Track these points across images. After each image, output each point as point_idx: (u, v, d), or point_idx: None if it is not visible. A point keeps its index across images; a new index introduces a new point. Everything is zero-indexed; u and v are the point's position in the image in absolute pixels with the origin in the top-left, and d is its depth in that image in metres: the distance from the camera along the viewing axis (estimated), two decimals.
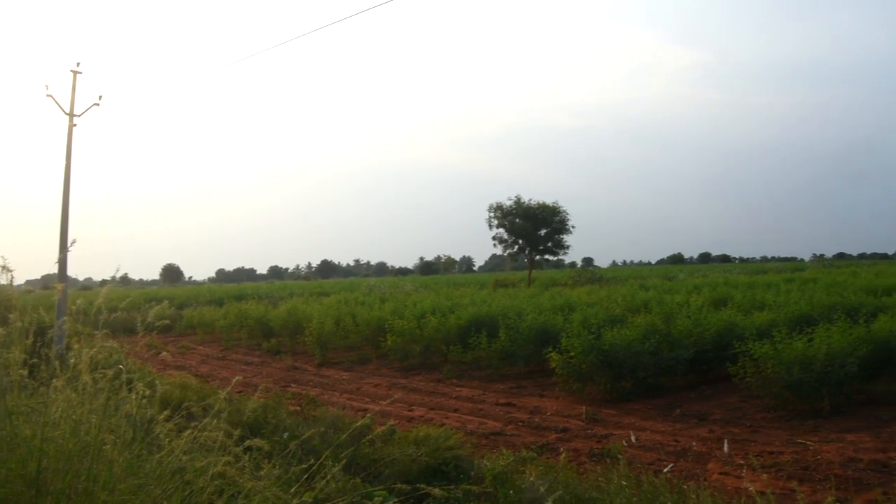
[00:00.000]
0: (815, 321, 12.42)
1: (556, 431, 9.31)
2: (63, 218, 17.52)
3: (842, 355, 9.71)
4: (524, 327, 13.95)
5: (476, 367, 14.54)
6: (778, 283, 28.14)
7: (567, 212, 43.55)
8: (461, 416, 10.55)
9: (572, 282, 40.78)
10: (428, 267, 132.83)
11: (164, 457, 3.54)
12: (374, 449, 6.21)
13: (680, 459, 7.74)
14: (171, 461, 3.51)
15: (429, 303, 20.27)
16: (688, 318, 13.26)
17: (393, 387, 13.16)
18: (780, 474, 7.13)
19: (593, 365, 11.08)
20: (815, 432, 8.85)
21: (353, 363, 16.52)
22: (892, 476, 6.87)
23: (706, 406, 10.60)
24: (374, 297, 28.40)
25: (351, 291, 36.99)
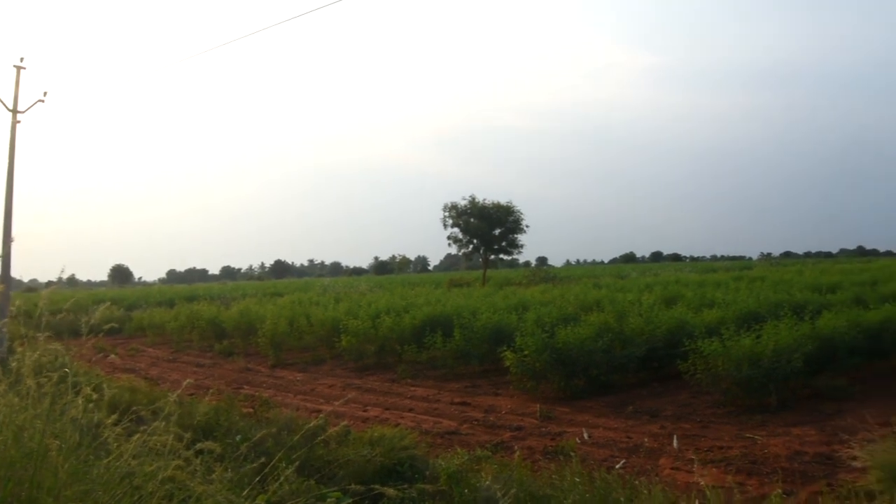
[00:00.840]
0: (762, 318, 12.70)
1: (510, 430, 9.36)
2: (6, 218, 17.04)
3: (788, 352, 9.95)
4: (479, 326, 13.99)
5: (431, 366, 14.55)
6: (727, 281, 28.71)
7: (521, 211, 43.92)
8: (416, 415, 10.54)
9: (526, 281, 41.03)
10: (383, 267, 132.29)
11: (111, 462, 3.46)
12: (329, 450, 6.17)
13: (632, 455, 7.84)
14: (119, 466, 3.43)
15: (383, 303, 20.21)
16: (640, 316, 13.45)
17: (347, 387, 13.09)
18: (729, 468, 7.27)
19: (547, 363, 11.16)
20: (762, 427, 9.05)
21: (307, 364, 16.38)
22: (836, 468, 7.06)
23: (658, 403, 10.76)
24: (329, 297, 28.20)
25: (305, 292, 36.68)
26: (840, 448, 7.62)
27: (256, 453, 5.01)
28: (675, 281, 31.33)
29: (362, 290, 36.53)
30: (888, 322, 12.29)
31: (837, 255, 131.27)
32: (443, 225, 43.63)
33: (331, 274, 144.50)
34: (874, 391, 10.97)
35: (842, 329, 11.24)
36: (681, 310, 14.76)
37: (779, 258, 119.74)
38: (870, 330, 11.87)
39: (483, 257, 45.33)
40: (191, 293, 42.45)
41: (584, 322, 12.61)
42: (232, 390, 12.39)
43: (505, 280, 44.52)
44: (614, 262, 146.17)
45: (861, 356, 11.59)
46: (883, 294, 17.72)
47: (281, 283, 77.55)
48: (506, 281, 42.99)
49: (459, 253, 46.31)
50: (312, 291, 36.21)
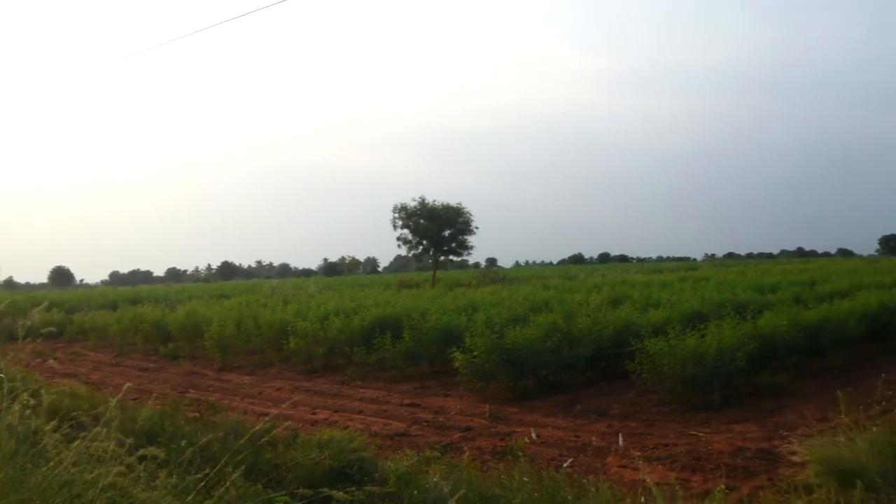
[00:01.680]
0: (706, 318, 12.95)
1: (460, 430, 9.37)
2: None
3: (731, 350, 10.17)
4: (428, 327, 13.99)
5: (380, 368, 14.50)
6: (673, 281, 29.24)
7: (471, 213, 44.14)
8: (366, 417, 10.49)
9: (476, 282, 41.21)
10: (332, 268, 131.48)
11: (50, 470, 3.36)
12: (277, 454, 6.09)
13: (580, 454, 7.92)
14: (58, 474, 3.34)
15: (333, 304, 20.06)
16: (587, 316, 13.60)
17: (296, 390, 12.96)
18: (674, 465, 7.40)
19: (496, 364, 11.21)
20: (706, 424, 9.24)
21: (254, 367, 16.17)
22: (777, 463, 7.23)
23: (605, 402, 10.90)
24: (277, 298, 27.90)
25: (253, 293, 36.21)
26: (780, 444, 7.81)
27: (202, 458, 4.93)
28: (622, 282, 31.80)
29: (311, 291, 36.21)
30: (826, 321, 12.66)
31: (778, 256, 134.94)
32: (392, 226, 43.64)
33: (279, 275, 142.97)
34: (813, 388, 11.28)
35: (782, 328, 11.53)
36: (628, 310, 14.98)
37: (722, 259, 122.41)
38: (808, 328, 12.21)
39: (433, 258, 45.40)
40: (135, 295, 41.53)
41: (533, 323, 12.70)
42: (177, 394, 12.17)
43: (455, 281, 44.61)
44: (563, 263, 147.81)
45: (800, 354, 11.92)
46: (821, 294, 18.26)
47: (228, 284, 76.50)
48: (455, 282, 43.08)
49: (409, 254, 46.37)
50: (260, 293, 35.78)
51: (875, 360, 13.72)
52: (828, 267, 41.83)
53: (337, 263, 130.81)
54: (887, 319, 14.56)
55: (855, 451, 5.85)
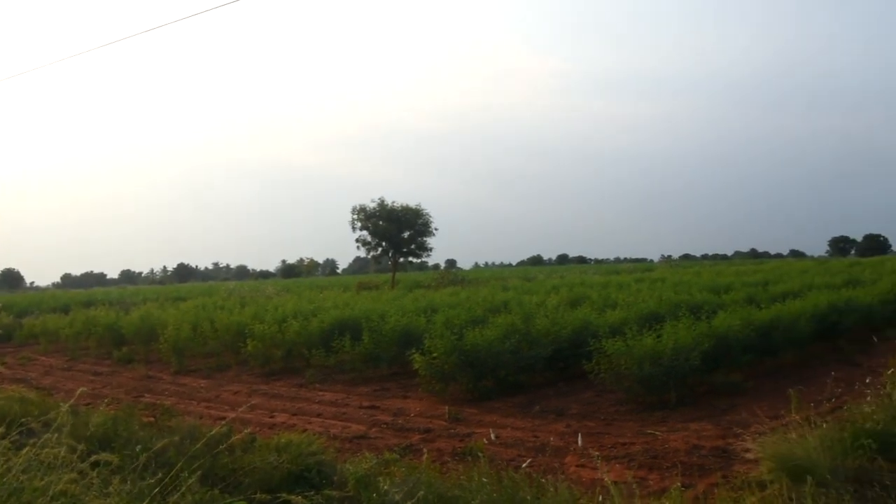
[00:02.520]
0: (663, 318, 13.13)
1: (419, 432, 9.37)
2: None
3: (687, 350, 10.33)
4: (387, 329, 13.95)
5: (339, 370, 14.41)
6: (630, 282, 29.56)
7: (430, 214, 44.06)
8: (324, 420, 10.42)
9: (435, 283, 41.17)
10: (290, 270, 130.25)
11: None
12: (234, 458, 6.01)
13: (539, 454, 7.96)
14: (6, 482, 3.26)
15: (291, 306, 19.90)
16: (546, 317, 13.69)
17: (254, 393, 12.83)
18: (631, 464, 7.48)
19: (455, 365, 11.23)
20: (663, 423, 9.37)
21: (211, 370, 15.95)
22: (731, 460, 7.36)
23: (564, 402, 10.98)
24: (234, 301, 27.57)
25: (210, 296, 35.73)
26: (734, 441, 7.95)
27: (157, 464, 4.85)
28: (580, 283, 32.08)
29: (269, 293, 35.88)
30: (777, 320, 12.92)
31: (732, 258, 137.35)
32: (351, 227, 43.36)
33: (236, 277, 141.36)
34: (765, 386, 11.51)
35: (736, 328, 11.74)
36: (585, 311, 15.12)
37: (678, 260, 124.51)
38: (761, 328, 12.46)
39: (392, 260, 45.26)
40: (88, 298, 40.70)
41: (492, 324, 12.75)
42: (132, 399, 11.96)
43: (414, 283, 44.54)
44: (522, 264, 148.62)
45: (754, 353, 12.15)
46: (773, 294, 18.65)
47: (184, 287, 75.34)
48: (415, 283, 43.02)
49: (368, 256, 46.16)
50: (217, 295, 35.30)
51: (825, 358, 14.06)
52: (780, 268, 42.75)
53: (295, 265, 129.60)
54: (836, 319, 14.93)
55: (806, 447, 5.97)
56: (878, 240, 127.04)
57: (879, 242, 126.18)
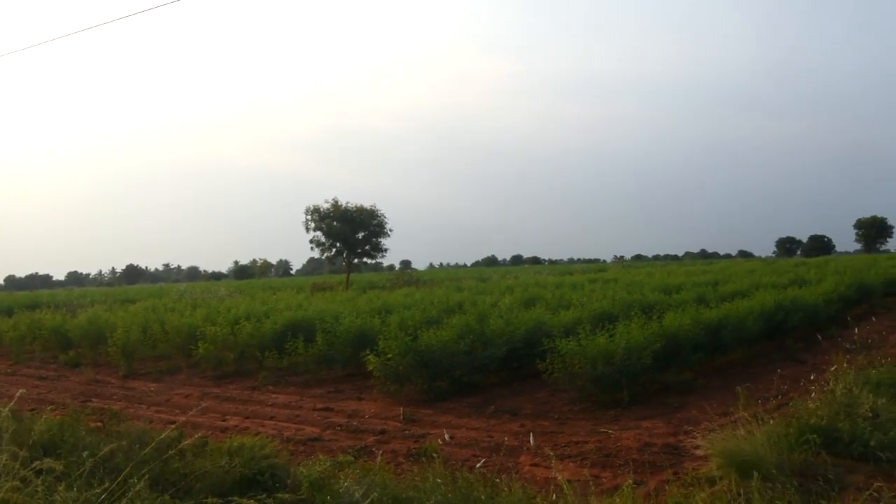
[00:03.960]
0: (615, 318, 13.31)
1: (374, 434, 9.33)
2: None
3: (639, 349, 10.47)
4: (342, 331, 13.87)
5: (293, 372, 14.28)
6: (583, 283, 29.88)
7: (385, 215, 43.96)
8: (278, 423, 10.31)
9: (390, 284, 41.07)
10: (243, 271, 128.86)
11: None
12: (185, 462, 5.91)
13: (494, 454, 7.99)
14: None
15: (243, 308, 19.64)
16: (500, 317, 13.76)
17: (205, 396, 12.63)
18: (584, 462, 7.55)
19: (410, 366, 11.21)
20: (615, 421, 9.48)
21: (161, 373, 15.67)
22: (682, 457, 7.48)
23: (518, 402, 11.04)
24: (185, 303, 27.10)
25: (160, 298, 35.09)
26: (685, 438, 8.08)
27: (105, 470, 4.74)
28: (534, 283, 32.28)
29: (221, 295, 35.38)
30: (726, 319, 13.18)
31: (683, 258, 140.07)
32: (305, 228, 43.01)
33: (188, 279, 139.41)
34: (715, 384, 11.74)
35: (686, 327, 11.94)
36: (539, 311, 15.23)
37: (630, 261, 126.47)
38: (711, 327, 12.69)
39: (346, 261, 45.02)
40: (33, 300, 39.55)
41: (447, 324, 12.76)
42: (78, 403, 11.67)
43: (368, 284, 44.39)
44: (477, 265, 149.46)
45: (704, 352, 12.37)
46: (722, 294, 19.03)
47: (133, 288, 73.96)
48: (369, 284, 42.87)
49: (322, 257, 45.82)
50: (168, 297, 34.71)
51: (772, 356, 14.39)
52: (729, 268, 43.63)
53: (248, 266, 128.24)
54: (782, 318, 15.28)
55: (753, 443, 6.11)
56: (822, 241, 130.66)
57: (824, 243, 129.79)
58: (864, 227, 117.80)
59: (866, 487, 5.59)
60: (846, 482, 6.11)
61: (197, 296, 35.20)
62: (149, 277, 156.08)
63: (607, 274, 42.95)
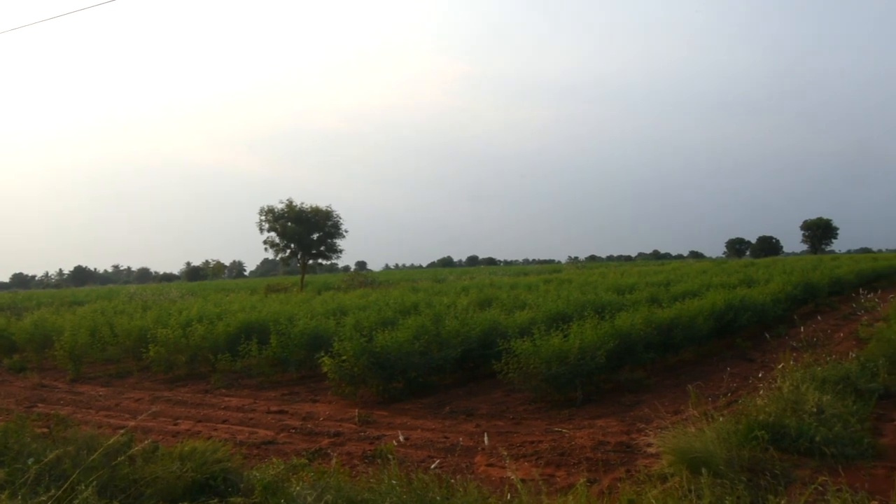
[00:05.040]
0: (570, 318, 13.43)
1: (329, 436, 9.27)
2: None
3: (592, 349, 10.58)
4: (296, 333, 13.75)
5: (246, 375, 14.12)
6: (538, 283, 30.11)
7: (340, 216, 43.74)
8: (231, 426, 10.18)
9: (345, 286, 40.87)
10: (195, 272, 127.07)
11: None
12: (135, 468, 5.79)
13: (449, 455, 8.00)
14: None
15: (196, 310, 19.36)
16: (456, 318, 13.78)
17: (156, 400, 12.41)
18: (539, 461, 7.60)
19: (365, 367, 11.16)
20: (570, 420, 9.57)
21: (111, 377, 15.35)
22: (635, 455, 7.57)
23: (473, 402, 11.07)
24: (136, 305, 26.64)
25: (109, 300, 34.35)
26: (638, 436, 8.19)
27: (52, 477, 4.63)
28: (489, 284, 32.44)
29: (173, 297, 34.83)
30: (678, 319, 13.39)
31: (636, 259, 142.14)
32: (259, 229, 42.58)
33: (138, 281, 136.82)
34: (667, 382, 11.93)
35: (639, 326, 12.11)
36: (495, 312, 15.31)
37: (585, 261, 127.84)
38: (663, 327, 12.89)
39: (301, 262, 44.68)
40: None
41: (402, 325, 12.74)
42: (23, 409, 11.38)
43: (324, 285, 44.12)
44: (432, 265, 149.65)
45: (656, 351, 12.56)
46: (674, 294, 19.35)
47: (81, 290, 72.28)
48: (324, 286, 42.61)
49: (277, 258, 45.39)
50: (118, 299, 34.03)
51: (722, 354, 14.68)
52: (680, 268, 44.40)
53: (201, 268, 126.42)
54: (732, 317, 15.59)
55: (704, 440, 6.22)
56: (770, 241, 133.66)
57: (772, 244, 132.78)
58: (810, 229, 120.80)
59: (812, 482, 5.74)
60: (793, 477, 6.26)
61: (148, 298, 34.64)
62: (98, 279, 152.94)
63: (562, 275, 43.36)
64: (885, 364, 10.24)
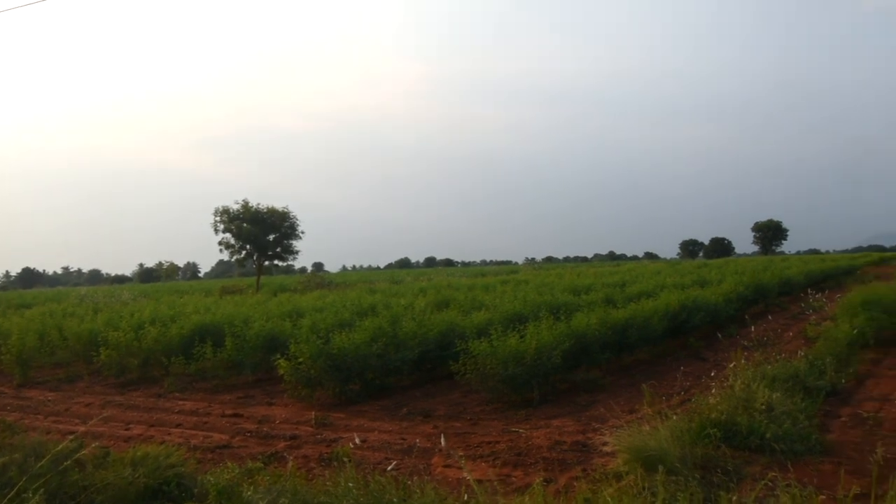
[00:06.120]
0: (526, 319, 13.50)
1: (285, 439, 9.18)
2: None
3: (549, 349, 10.65)
4: (251, 335, 13.59)
5: (201, 378, 13.91)
6: (495, 284, 30.23)
7: (296, 217, 43.45)
8: (185, 430, 10.02)
9: (302, 287, 40.58)
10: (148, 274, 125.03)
11: None
12: (85, 474, 5.67)
13: (406, 457, 7.98)
14: None
15: (148, 312, 19.03)
16: (413, 319, 13.76)
17: (108, 405, 12.16)
18: (496, 462, 7.63)
19: (322, 370, 11.09)
20: (526, 420, 9.62)
21: (60, 382, 14.99)
22: (591, 454, 7.65)
23: (431, 403, 11.07)
24: (86, 307, 26.09)
25: (59, 302, 33.59)
26: (593, 436, 8.27)
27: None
28: (447, 285, 32.46)
29: (125, 299, 34.16)
30: (633, 319, 13.56)
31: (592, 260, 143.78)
32: (214, 230, 42.05)
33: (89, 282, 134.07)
34: (622, 382, 12.08)
35: (594, 327, 12.22)
36: (452, 313, 15.33)
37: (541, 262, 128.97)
38: (618, 327, 13.03)
39: (257, 263, 44.24)
40: None
41: (360, 327, 12.68)
42: None
43: (280, 287, 43.73)
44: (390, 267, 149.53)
45: (611, 351, 12.70)
46: (629, 294, 19.61)
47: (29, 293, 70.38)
48: (281, 287, 42.24)
49: (232, 259, 44.86)
50: (67, 302, 33.30)
51: (676, 354, 14.92)
52: (635, 269, 45.01)
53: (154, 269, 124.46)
54: (686, 317, 15.85)
55: (658, 438, 6.31)
56: (723, 243, 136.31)
57: (724, 245, 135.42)
58: (760, 230, 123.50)
59: (762, 477, 5.86)
60: (744, 473, 6.39)
61: (99, 300, 33.95)
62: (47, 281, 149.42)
63: (519, 276, 43.66)
64: (832, 362, 10.53)
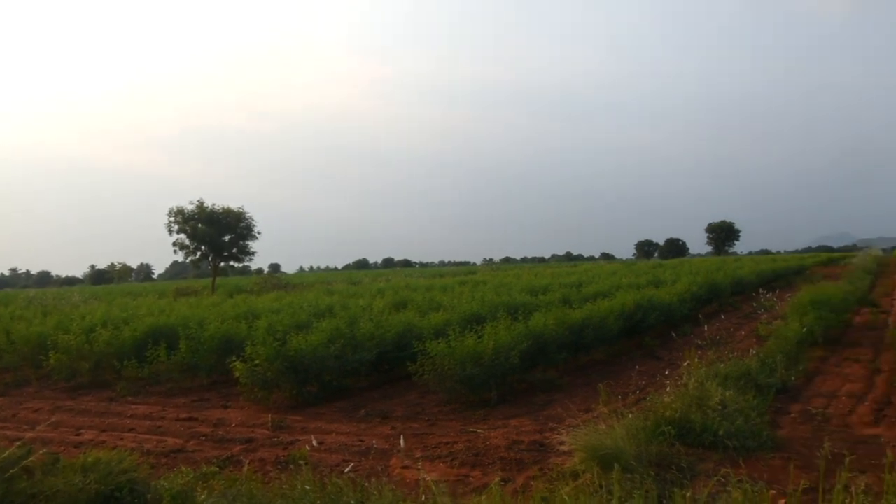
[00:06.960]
0: (484, 320, 13.55)
1: (240, 443, 9.07)
2: None
3: (506, 350, 10.70)
4: (206, 337, 13.40)
5: (154, 382, 13.67)
6: (453, 285, 30.25)
7: (252, 217, 43.01)
8: (138, 435, 9.84)
9: (258, 288, 40.14)
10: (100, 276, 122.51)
11: None
12: (33, 482, 5.53)
13: (364, 458, 7.95)
14: None
15: (100, 314, 18.64)
16: (371, 321, 13.72)
17: (57, 410, 11.88)
18: (454, 462, 7.64)
19: (279, 371, 10.98)
20: (484, 421, 9.65)
21: (7, 387, 14.60)
22: (548, 454, 7.70)
23: (389, 405, 11.04)
24: (35, 310, 25.47)
25: (6, 305, 32.70)
26: (550, 435, 8.33)
27: None
28: (405, 286, 32.40)
29: (76, 301, 33.39)
30: (589, 319, 13.69)
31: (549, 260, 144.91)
32: (168, 231, 41.39)
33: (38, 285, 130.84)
34: (579, 382, 12.19)
35: (551, 327, 12.31)
36: (410, 314, 15.32)
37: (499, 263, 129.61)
38: (574, 327, 13.14)
39: (212, 265, 43.68)
40: None
41: (317, 328, 12.59)
42: None
43: (236, 288, 43.19)
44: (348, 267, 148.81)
45: (568, 351, 12.79)
46: (585, 295, 19.79)
47: None
48: (236, 289, 41.72)
49: (187, 260, 44.20)
50: (15, 304, 32.42)
51: (631, 353, 15.11)
52: (592, 269, 45.45)
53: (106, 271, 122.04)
54: (641, 317, 16.05)
55: (614, 437, 6.38)
56: (677, 243, 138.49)
57: (679, 246, 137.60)
58: (714, 231, 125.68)
59: (715, 474, 5.96)
60: (698, 470, 6.49)
61: (48, 302, 33.12)
62: None
63: (477, 276, 43.76)
64: (783, 360, 10.76)
